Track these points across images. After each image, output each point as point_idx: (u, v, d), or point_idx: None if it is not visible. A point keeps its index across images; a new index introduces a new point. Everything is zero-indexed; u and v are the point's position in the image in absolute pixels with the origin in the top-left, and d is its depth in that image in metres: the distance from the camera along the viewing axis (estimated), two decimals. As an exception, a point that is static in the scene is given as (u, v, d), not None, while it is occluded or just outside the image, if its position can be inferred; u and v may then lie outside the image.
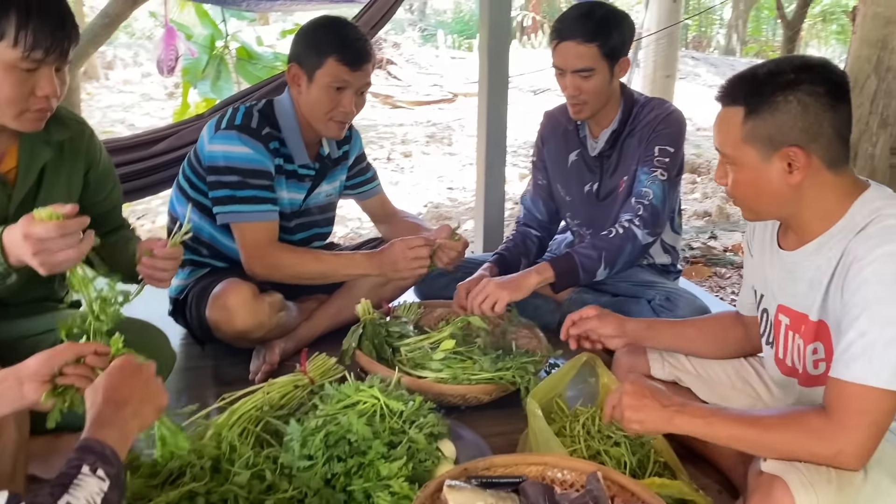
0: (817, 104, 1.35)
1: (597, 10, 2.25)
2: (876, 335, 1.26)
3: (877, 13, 2.56)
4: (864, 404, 1.27)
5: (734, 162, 1.44)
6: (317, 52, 2.16)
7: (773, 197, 1.43)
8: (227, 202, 2.20)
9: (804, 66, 1.40)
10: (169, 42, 3.91)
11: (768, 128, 1.37)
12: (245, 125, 2.19)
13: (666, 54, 6.80)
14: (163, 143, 3.05)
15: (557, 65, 2.29)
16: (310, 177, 2.40)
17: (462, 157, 7.33)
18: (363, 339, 2.13)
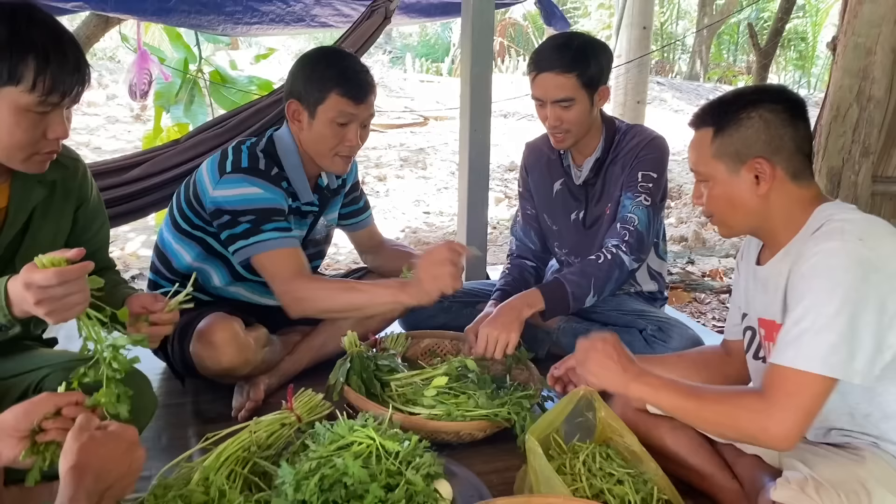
0: (777, 120, 1.49)
1: (574, 41, 2.26)
2: (809, 323, 1.34)
3: (857, 43, 2.59)
4: (793, 387, 1.35)
5: (708, 178, 1.57)
6: (318, 88, 2.08)
7: (745, 209, 1.53)
8: (248, 234, 2.06)
9: (764, 89, 1.59)
10: (142, 66, 3.83)
11: (734, 143, 1.51)
12: (254, 167, 2.10)
13: (636, 80, 6.87)
14: (136, 170, 2.96)
15: (537, 96, 2.28)
16: (313, 213, 2.33)
17: (436, 180, 7.31)
18: (351, 374, 2.06)
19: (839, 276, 1.33)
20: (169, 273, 2.32)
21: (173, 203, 2.31)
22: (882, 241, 1.37)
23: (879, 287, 1.32)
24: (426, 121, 10.44)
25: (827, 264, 1.36)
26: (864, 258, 1.33)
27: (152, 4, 3.38)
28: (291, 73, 2.18)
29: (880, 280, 1.33)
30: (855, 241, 1.36)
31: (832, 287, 1.33)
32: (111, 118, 9.28)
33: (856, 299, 1.32)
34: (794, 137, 1.50)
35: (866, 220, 1.44)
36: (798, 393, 1.34)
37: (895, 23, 2.60)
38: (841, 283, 1.33)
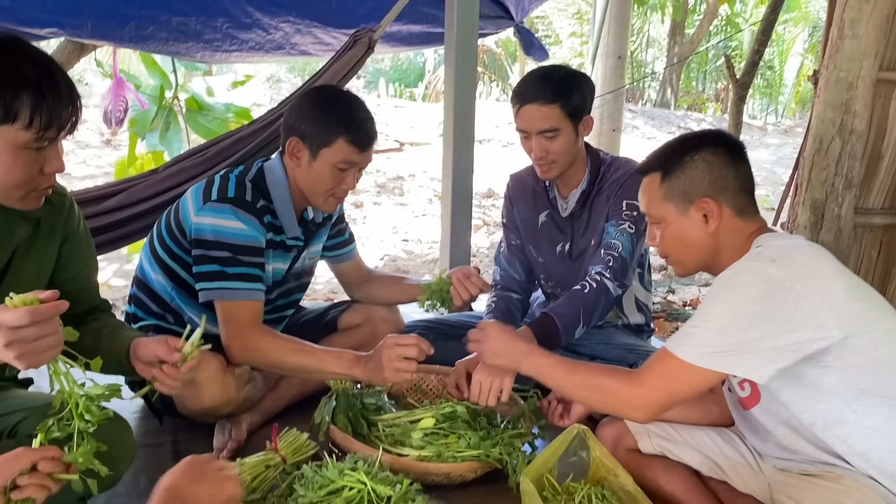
0: (720, 161, 1.61)
1: (556, 73, 2.28)
2: (700, 322, 1.50)
3: (839, 78, 2.62)
4: (664, 369, 1.51)
5: (660, 220, 1.67)
6: (326, 131, 2.05)
7: (695, 246, 1.63)
8: (214, 278, 2.02)
9: (705, 134, 1.69)
10: (118, 92, 3.76)
11: (682, 185, 1.62)
12: (240, 198, 2.04)
13: (612, 109, 6.93)
14: (113, 200, 2.88)
15: (522, 128, 2.28)
16: (297, 247, 2.29)
17: (414, 207, 7.28)
18: (337, 413, 2.01)
19: (738, 288, 1.47)
20: (153, 304, 2.25)
21: (153, 232, 2.26)
22: (797, 263, 1.47)
23: (783, 304, 1.42)
24: (402, 146, 10.44)
25: (733, 278, 1.50)
26: (771, 276, 1.44)
27: (130, 31, 3.33)
28: (296, 109, 2.13)
29: (786, 297, 1.42)
30: (767, 262, 1.47)
31: (730, 297, 1.47)
32: (80, 143, 9.14)
33: (751, 311, 1.43)
34: (737, 177, 1.61)
35: (789, 245, 1.54)
36: (667, 376, 1.51)
37: (875, 57, 2.63)
38: (738, 295, 1.46)
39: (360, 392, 2.12)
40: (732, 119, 4.60)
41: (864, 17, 2.57)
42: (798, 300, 1.42)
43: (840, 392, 1.46)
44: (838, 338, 1.42)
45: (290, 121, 2.13)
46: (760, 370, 1.45)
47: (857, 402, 1.45)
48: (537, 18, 17.65)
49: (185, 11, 3.39)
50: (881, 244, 3.08)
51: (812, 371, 1.46)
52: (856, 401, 1.45)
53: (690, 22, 16.54)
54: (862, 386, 1.45)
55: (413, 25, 3.94)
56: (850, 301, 1.45)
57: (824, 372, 1.46)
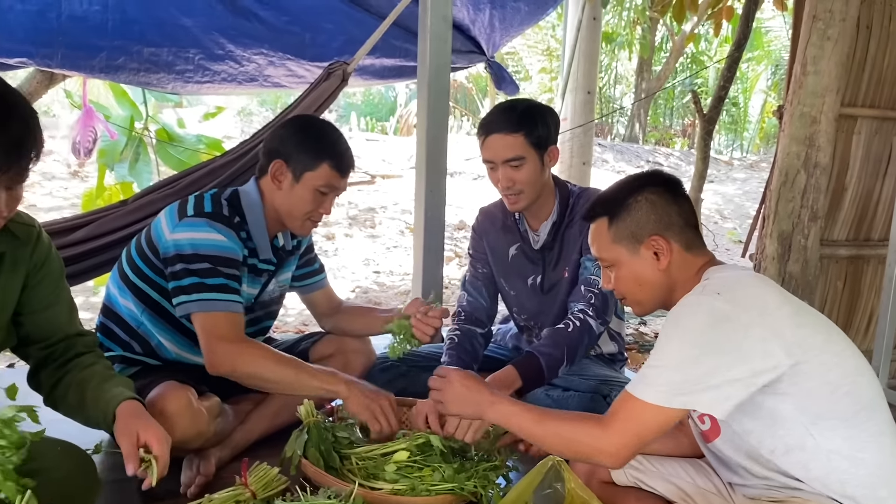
0: (662, 199, 1.65)
1: (519, 104, 2.33)
2: (655, 361, 1.51)
3: (803, 112, 2.68)
4: (630, 413, 1.51)
5: (613, 263, 1.69)
6: (312, 155, 2.14)
7: (650, 284, 1.66)
8: (193, 290, 2.02)
9: (643, 175, 1.74)
10: (87, 123, 3.72)
11: (629, 226, 1.65)
12: (216, 213, 2.09)
13: (582, 143, 7.02)
14: (80, 232, 2.84)
15: (488, 158, 2.31)
16: (268, 272, 2.29)
17: (386, 239, 7.27)
18: (308, 446, 1.97)
19: (687, 322, 1.50)
20: (120, 331, 2.23)
21: (123, 256, 2.25)
22: (741, 293, 1.50)
23: (731, 334, 1.44)
24: (373, 179, 10.45)
25: (680, 313, 1.53)
26: (717, 309, 1.46)
27: (101, 61, 3.30)
28: (280, 135, 2.21)
29: (733, 328, 1.44)
30: (712, 295, 1.50)
31: (680, 332, 1.50)
32: (47, 174, 9.01)
33: (701, 343, 1.45)
34: (680, 213, 1.65)
35: (734, 277, 1.57)
36: (632, 419, 1.50)
37: (837, 93, 2.71)
38: (687, 329, 1.49)
39: (331, 425, 2.09)
40: (700, 153, 4.69)
41: (825, 54, 2.65)
42: (745, 330, 1.44)
43: (797, 418, 1.48)
44: (788, 365, 1.44)
45: (273, 144, 2.20)
46: (721, 405, 1.46)
47: (815, 427, 1.47)
48: (507, 54, 17.91)
49: (156, 42, 3.37)
50: (846, 275, 3.14)
51: (768, 400, 1.48)
52: (813, 425, 1.47)
53: (658, 59, 16.92)
54: (817, 410, 1.47)
55: (386, 59, 3.97)
56: (796, 328, 1.48)
57: (780, 400, 1.47)
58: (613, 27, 14.45)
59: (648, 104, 17.73)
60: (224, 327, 2.03)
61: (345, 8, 3.72)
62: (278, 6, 3.56)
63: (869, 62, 2.95)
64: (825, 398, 1.47)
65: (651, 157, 14.69)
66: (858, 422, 1.48)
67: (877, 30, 2.93)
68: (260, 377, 2.06)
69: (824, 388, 1.47)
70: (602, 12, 7.55)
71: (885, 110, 3.02)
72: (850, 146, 3.01)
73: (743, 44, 4.46)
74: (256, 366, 2.03)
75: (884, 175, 3.07)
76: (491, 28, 4.14)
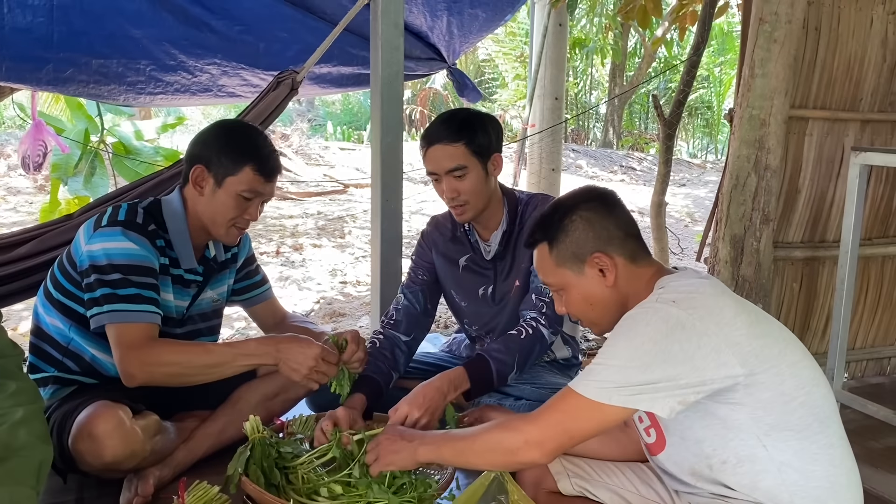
0: (597, 215, 1.63)
1: (459, 114, 2.33)
2: (601, 360, 1.49)
3: (752, 115, 2.68)
4: (563, 405, 1.50)
5: (561, 287, 1.68)
6: (232, 159, 2.09)
7: (601, 302, 1.64)
8: (104, 301, 1.98)
9: (575, 193, 1.72)
10: (37, 137, 3.65)
11: (569, 247, 1.63)
12: (129, 221, 2.04)
13: (551, 149, 7.04)
14: (24, 247, 2.77)
15: (431, 170, 2.29)
16: (196, 282, 2.24)
17: (354, 249, 7.22)
18: (251, 463, 1.92)
19: (640, 328, 1.47)
20: (52, 350, 2.17)
21: (48, 274, 2.20)
22: (696, 302, 1.48)
23: (685, 343, 1.42)
24: (346, 188, 10.41)
25: (635, 318, 1.50)
26: (672, 316, 1.45)
27: (48, 74, 3.24)
28: (201, 140, 2.16)
29: (688, 336, 1.42)
30: (668, 303, 1.48)
31: (632, 336, 1.47)
32: (12, 189, 8.90)
33: (654, 351, 1.43)
34: (618, 225, 1.64)
35: (689, 285, 1.54)
36: (565, 411, 1.49)
37: (785, 95, 2.72)
38: (639, 334, 1.46)
39: (277, 441, 2.04)
40: (662, 157, 4.70)
41: (772, 56, 2.66)
42: (700, 339, 1.42)
43: (750, 428, 1.46)
44: (743, 374, 1.42)
45: (195, 150, 2.15)
46: (662, 403, 1.44)
47: (768, 438, 1.45)
48: (483, 62, 17.97)
49: (105, 54, 3.32)
50: (802, 277, 3.14)
51: (721, 409, 1.46)
52: (766, 436, 1.45)
53: (632, 64, 17.02)
54: (770, 421, 1.45)
55: (343, 67, 3.94)
56: (752, 338, 1.46)
57: (733, 409, 1.45)
58: (586, 32, 14.51)
59: (622, 109, 17.83)
60: (134, 336, 1.98)
61: (299, 16, 3.68)
62: (231, 15, 3.52)
63: (818, 64, 2.96)
64: (779, 409, 1.45)
65: (625, 161, 14.76)
66: (811, 433, 1.47)
67: (825, 31, 2.93)
68: (178, 371, 2.01)
69: (779, 398, 1.45)
70: (568, 19, 7.58)
71: (836, 111, 3.02)
72: (802, 148, 3.01)
73: (701, 47, 4.47)
74: (169, 361, 1.99)
75: (837, 176, 3.08)
76: (450, 35, 4.12)
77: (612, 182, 13.24)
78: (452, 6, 3.92)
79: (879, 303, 3.34)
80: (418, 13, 3.86)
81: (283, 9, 3.62)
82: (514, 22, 15.02)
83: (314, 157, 12.45)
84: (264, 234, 7.42)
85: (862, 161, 2.73)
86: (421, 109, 17.71)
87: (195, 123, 13.29)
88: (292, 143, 12.45)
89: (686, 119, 19.29)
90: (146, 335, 2.01)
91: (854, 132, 3.08)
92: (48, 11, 3.11)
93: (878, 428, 2.75)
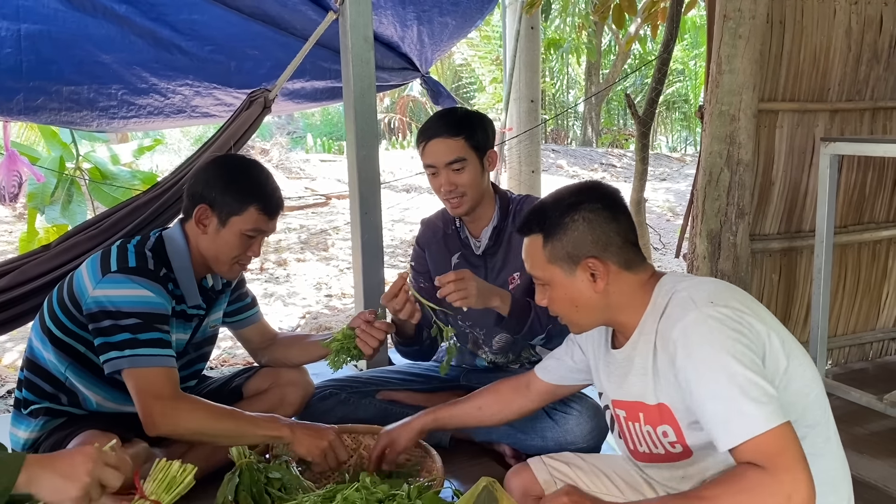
0: (599, 218, 1.56)
1: (457, 110, 2.43)
2: (728, 393, 1.33)
3: (722, 111, 2.71)
4: (776, 444, 1.31)
5: (547, 282, 1.61)
6: (238, 199, 2.09)
7: (587, 306, 1.58)
8: (125, 346, 1.96)
9: (581, 189, 1.63)
10: (10, 167, 3.63)
11: (565, 247, 1.56)
12: (142, 267, 2.01)
13: (529, 151, 7.06)
14: (3, 280, 2.75)
15: (429, 163, 2.34)
16: (198, 316, 2.24)
17: (338, 261, 7.21)
18: (240, 490, 1.92)
19: (715, 340, 1.37)
20: (46, 384, 2.15)
21: (44, 308, 2.17)
22: (727, 299, 1.45)
23: (748, 335, 1.39)
24: (328, 200, 10.39)
25: (700, 336, 1.40)
26: (723, 317, 1.39)
27: (18, 104, 3.22)
28: (203, 178, 2.14)
29: (741, 333, 1.39)
30: (705, 305, 1.42)
31: (715, 353, 1.36)
32: (-8, 218, 8.83)
33: (736, 353, 1.35)
34: (619, 231, 1.57)
35: (707, 283, 1.53)
36: (784, 447, 1.31)
37: (754, 90, 2.75)
38: (720, 347, 1.36)
39: (265, 466, 2.04)
40: (638, 155, 4.74)
41: (738, 52, 2.69)
42: (751, 330, 1.41)
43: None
44: (784, 365, 1.43)
45: (197, 188, 2.13)
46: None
47: None
48: (460, 66, 18.00)
49: (75, 80, 3.30)
50: (781, 268, 3.18)
51: None
52: None
53: (607, 62, 17.10)
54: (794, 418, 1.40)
55: (317, 81, 3.93)
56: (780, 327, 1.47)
57: None
58: (560, 33, 14.58)
59: (599, 107, 17.91)
60: (158, 384, 1.98)
61: (269, 33, 3.68)
62: (200, 36, 3.51)
63: (785, 57, 2.99)
64: (801, 403, 1.44)
65: (605, 159, 14.83)
66: (819, 427, 1.47)
67: (790, 25, 2.97)
68: (201, 433, 2.02)
69: (801, 391, 1.45)
70: (540, 21, 7.62)
71: (805, 103, 3.06)
72: (774, 140, 3.05)
73: (671, 44, 4.51)
74: (196, 423, 1.98)
75: (809, 167, 3.11)
76: (421, 44, 4.13)
77: (593, 180, 13.27)
78: (422, 15, 3.93)
79: (858, 289, 3.38)
80: (388, 24, 3.87)
81: (252, 26, 3.61)
82: (489, 25, 15.06)
83: (295, 170, 12.42)
84: (248, 251, 7.36)
85: (832, 151, 2.77)
86: (400, 117, 17.72)
87: (174, 143, 13.24)
88: (272, 157, 12.41)
89: (664, 113, 19.42)
90: (170, 383, 2.00)
91: (824, 122, 3.12)
92: (16, 41, 3.10)
93: (861, 413, 2.79)
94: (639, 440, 1.63)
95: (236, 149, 3.01)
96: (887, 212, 3.39)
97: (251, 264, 2.36)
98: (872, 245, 3.38)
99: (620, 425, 1.68)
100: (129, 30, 3.34)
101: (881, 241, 3.38)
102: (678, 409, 1.49)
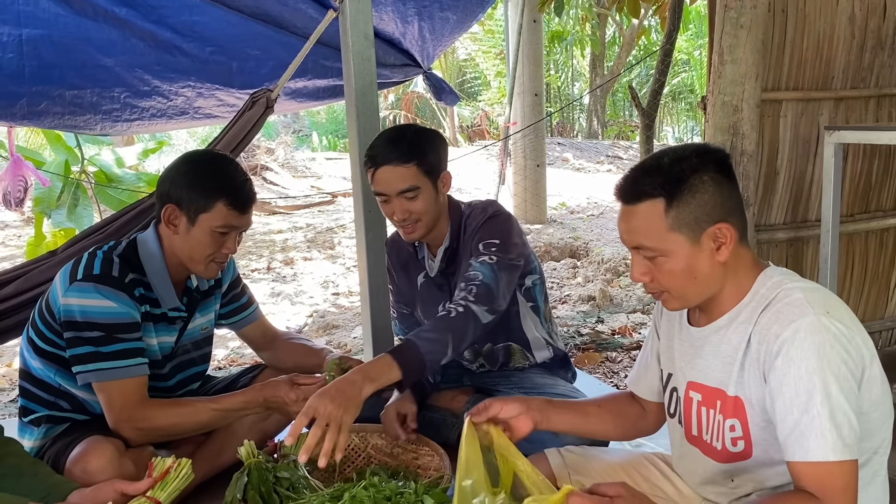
0: (723, 179, 1.42)
1: (407, 132, 2.28)
2: (818, 410, 1.28)
3: (725, 101, 2.70)
4: (842, 479, 1.28)
5: (663, 254, 1.42)
6: (203, 196, 2.04)
7: (705, 279, 1.44)
8: (88, 360, 1.97)
9: (700, 149, 1.46)
10: (16, 173, 3.65)
11: (693, 211, 1.39)
12: (105, 274, 2.00)
13: (534, 145, 7.08)
14: (10, 287, 2.76)
15: (380, 191, 2.25)
16: (181, 318, 2.23)
17: (345, 259, 7.22)
18: (249, 489, 1.93)
19: (824, 354, 1.30)
20: (42, 392, 2.16)
21: (30, 319, 2.18)
22: (841, 313, 1.37)
23: (847, 362, 1.31)
24: (334, 198, 10.41)
25: (812, 344, 1.31)
26: (837, 332, 1.32)
27: (21, 109, 3.23)
28: (169, 177, 2.11)
29: (849, 354, 1.32)
30: (824, 314, 1.33)
31: (820, 367, 1.29)
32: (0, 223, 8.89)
33: (840, 375, 1.29)
34: (737, 195, 1.45)
35: (818, 289, 1.42)
36: (849, 484, 1.28)
37: (756, 79, 2.73)
38: (827, 363, 1.29)
39: (273, 465, 2.05)
40: (642, 147, 4.71)
41: (740, 42, 2.67)
42: (857, 353, 1.34)
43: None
44: (878, 392, 1.38)
45: (164, 188, 2.10)
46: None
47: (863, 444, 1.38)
48: (464, 62, 17.97)
49: (78, 84, 3.31)
50: (787, 258, 3.16)
51: None
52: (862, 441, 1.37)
53: (612, 54, 17.05)
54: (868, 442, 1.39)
55: (319, 80, 3.93)
56: None
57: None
58: (564, 25, 14.54)
59: (605, 99, 17.86)
60: (125, 396, 2.01)
61: (270, 33, 3.67)
62: (201, 37, 3.51)
63: (788, 45, 2.97)
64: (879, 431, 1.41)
65: (611, 151, 14.80)
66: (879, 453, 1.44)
67: (792, 13, 2.94)
68: (171, 429, 2.05)
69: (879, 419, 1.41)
70: (543, 15, 7.60)
71: (809, 91, 3.04)
72: (778, 130, 3.03)
73: (673, 35, 4.48)
74: (165, 420, 2.02)
75: (814, 156, 3.09)
76: (422, 40, 4.11)
77: (599, 172, 13.27)
78: (423, 11, 3.92)
79: (866, 278, 3.36)
80: (389, 20, 3.86)
81: (253, 26, 3.61)
82: (491, 19, 15.04)
83: (301, 169, 12.45)
84: (254, 251, 7.42)
85: (836, 140, 2.75)
86: (405, 114, 17.70)
87: (181, 144, 13.28)
88: (278, 156, 12.44)
89: (670, 104, 19.34)
90: (136, 392, 2.02)
91: (828, 111, 3.09)
92: (17, 47, 3.10)
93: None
94: (704, 428, 1.54)
95: (240, 149, 3.01)
96: (894, 199, 3.36)
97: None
98: (879, 233, 3.35)
99: (688, 409, 1.58)
100: (129, 33, 3.34)
101: (888, 229, 3.36)
102: (752, 407, 1.43)
